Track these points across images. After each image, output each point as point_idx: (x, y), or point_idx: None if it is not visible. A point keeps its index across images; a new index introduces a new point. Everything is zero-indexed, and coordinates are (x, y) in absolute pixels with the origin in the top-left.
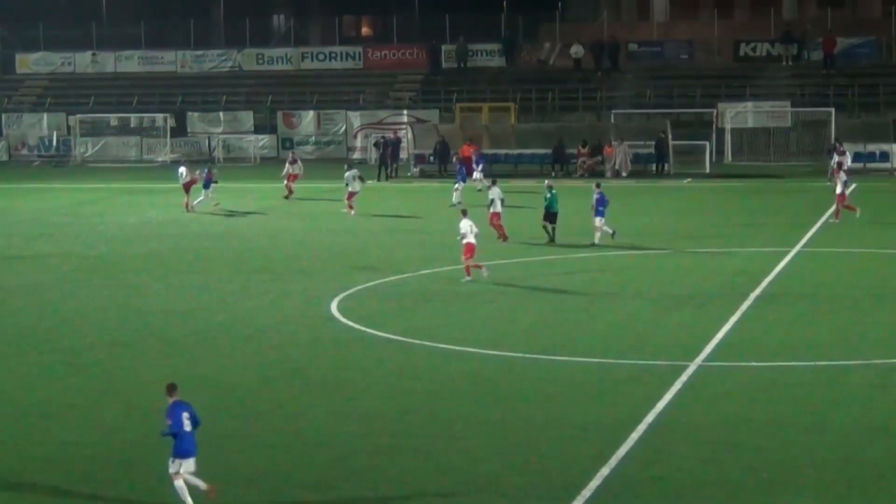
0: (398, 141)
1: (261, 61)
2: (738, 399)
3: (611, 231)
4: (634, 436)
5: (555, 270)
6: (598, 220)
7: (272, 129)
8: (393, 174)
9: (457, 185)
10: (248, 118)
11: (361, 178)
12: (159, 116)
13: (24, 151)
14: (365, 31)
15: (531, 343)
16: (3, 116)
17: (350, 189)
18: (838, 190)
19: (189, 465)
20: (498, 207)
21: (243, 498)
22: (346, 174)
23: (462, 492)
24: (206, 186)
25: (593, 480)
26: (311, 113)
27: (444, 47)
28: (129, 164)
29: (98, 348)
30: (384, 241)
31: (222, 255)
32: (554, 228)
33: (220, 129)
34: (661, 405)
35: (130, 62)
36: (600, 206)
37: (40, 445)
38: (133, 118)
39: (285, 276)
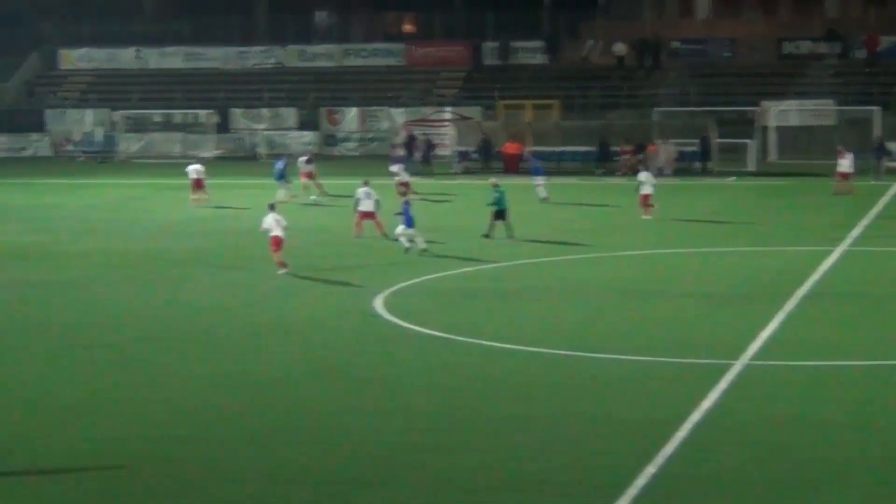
0: (412, 139)
1: (303, 58)
2: (785, 398)
3: (423, 244)
4: (680, 434)
5: (599, 268)
6: (401, 228)
7: (315, 126)
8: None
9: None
10: (290, 115)
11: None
12: (202, 113)
13: (69, 147)
14: (407, 28)
15: (576, 341)
16: (48, 112)
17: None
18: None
19: None
20: (369, 207)
21: (291, 494)
22: (189, 168)
23: (506, 489)
24: (280, 177)
25: (639, 479)
26: (355, 110)
27: (486, 44)
28: (173, 161)
29: (143, 344)
30: (426, 238)
31: (266, 251)
32: (509, 224)
33: (263, 126)
34: (706, 404)
35: (174, 58)
36: (407, 215)
37: (86, 440)
38: (176, 114)
39: (328, 273)
